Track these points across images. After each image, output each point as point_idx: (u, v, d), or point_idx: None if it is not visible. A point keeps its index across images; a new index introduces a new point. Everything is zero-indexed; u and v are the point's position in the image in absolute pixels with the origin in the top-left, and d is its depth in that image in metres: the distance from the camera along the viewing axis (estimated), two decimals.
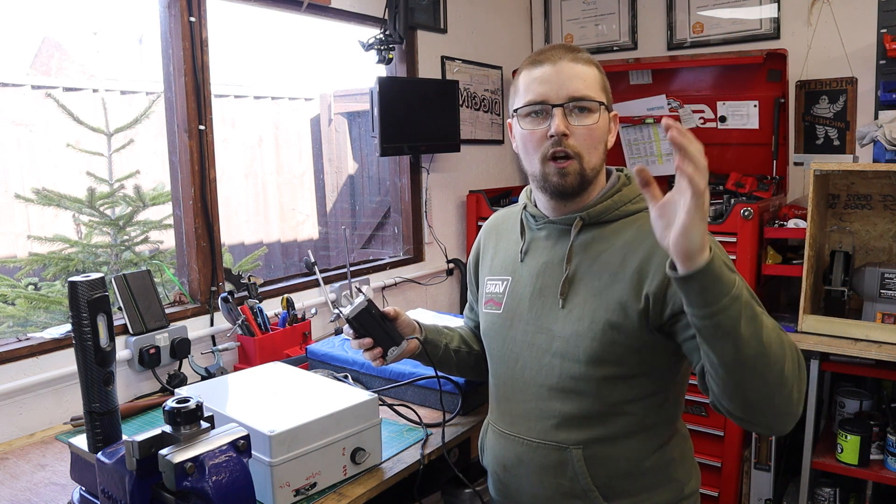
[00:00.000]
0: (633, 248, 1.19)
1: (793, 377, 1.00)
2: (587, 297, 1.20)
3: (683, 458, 1.28)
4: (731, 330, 0.93)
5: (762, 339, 0.95)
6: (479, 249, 1.48)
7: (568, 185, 1.21)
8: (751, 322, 0.94)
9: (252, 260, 3.35)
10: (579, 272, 1.23)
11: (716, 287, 0.92)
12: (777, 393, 0.99)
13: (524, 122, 1.24)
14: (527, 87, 1.23)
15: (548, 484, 1.25)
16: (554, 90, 1.19)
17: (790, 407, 1.02)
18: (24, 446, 1.60)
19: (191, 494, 0.98)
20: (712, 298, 0.92)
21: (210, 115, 2.08)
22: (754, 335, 0.95)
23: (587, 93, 1.20)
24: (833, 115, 2.91)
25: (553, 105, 1.19)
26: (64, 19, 3.88)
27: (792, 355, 1.01)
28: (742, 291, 0.94)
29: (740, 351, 0.95)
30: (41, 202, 2.86)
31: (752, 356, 0.95)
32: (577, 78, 1.20)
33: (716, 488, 2.53)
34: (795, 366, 1.01)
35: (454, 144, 2.89)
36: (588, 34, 3.44)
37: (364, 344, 1.36)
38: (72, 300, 1.17)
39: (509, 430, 1.30)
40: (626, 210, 1.24)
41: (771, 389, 0.99)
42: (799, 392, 1.02)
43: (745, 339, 0.94)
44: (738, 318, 0.93)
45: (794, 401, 1.02)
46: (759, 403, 1.01)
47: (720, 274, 0.92)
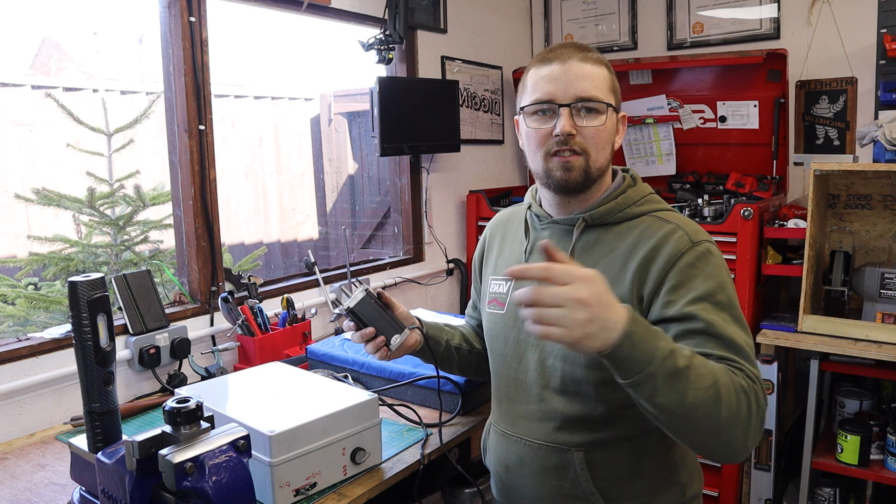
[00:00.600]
0: (634, 251, 1.18)
1: (732, 424, 1.00)
2: None
3: (685, 461, 1.27)
4: (648, 400, 0.97)
5: (686, 403, 0.97)
6: (483, 247, 1.46)
7: (572, 179, 1.19)
8: (671, 391, 0.96)
9: (252, 260, 3.35)
10: None
11: (627, 365, 0.95)
12: (713, 441, 1.01)
13: (530, 120, 1.22)
14: (534, 85, 1.21)
15: (549, 486, 1.24)
16: (561, 89, 1.18)
17: (733, 448, 1.03)
18: (24, 446, 1.60)
19: (191, 494, 0.98)
20: (625, 374, 0.96)
21: (210, 115, 2.08)
22: (677, 402, 0.97)
23: (595, 94, 1.18)
24: (833, 115, 2.91)
25: (560, 105, 1.18)
26: (64, 19, 3.88)
27: (732, 402, 1.00)
28: (660, 368, 0.94)
29: (660, 415, 0.99)
30: (41, 202, 2.86)
31: (673, 420, 0.99)
32: (586, 78, 1.18)
33: (716, 488, 2.53)
34: (737, 412, 1.01)
35: (454, 144, 2.89)
36: (588, 34, 3.44)
37: (366, 335, 1.33)
38: (72, 300, 1.17)
39: (511, 431, 1.30)
40: (631, 213, 1.22)
41: (704, 439, 1.02)
42: (745, 433, 1.02)
43: (662, 407, 0.97)
44: (653, 393, 0.96)
45: (737, 443, 1.02)
46: (695, 446, 1.08)
47: (629, 355, 0.94)
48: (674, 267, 1.14)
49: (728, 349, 1.08)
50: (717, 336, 1.08)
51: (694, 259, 1.14)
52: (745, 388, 1.03)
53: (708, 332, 1.08)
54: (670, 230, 1.18)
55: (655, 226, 1.20)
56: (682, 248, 1.15)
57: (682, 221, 1.21)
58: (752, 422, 1.03)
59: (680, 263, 1.14)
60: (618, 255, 1.19)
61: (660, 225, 1.20)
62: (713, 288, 1.12)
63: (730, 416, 1.00)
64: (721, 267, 1.16)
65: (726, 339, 1.08)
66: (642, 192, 1.25)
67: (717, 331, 1.08)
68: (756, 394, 1.04)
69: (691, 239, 1.16)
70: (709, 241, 1.19)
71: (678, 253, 1.15)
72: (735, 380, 1.03)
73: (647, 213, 1.23)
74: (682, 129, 3.11)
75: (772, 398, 2.40)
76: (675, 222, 1.20)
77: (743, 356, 1.08)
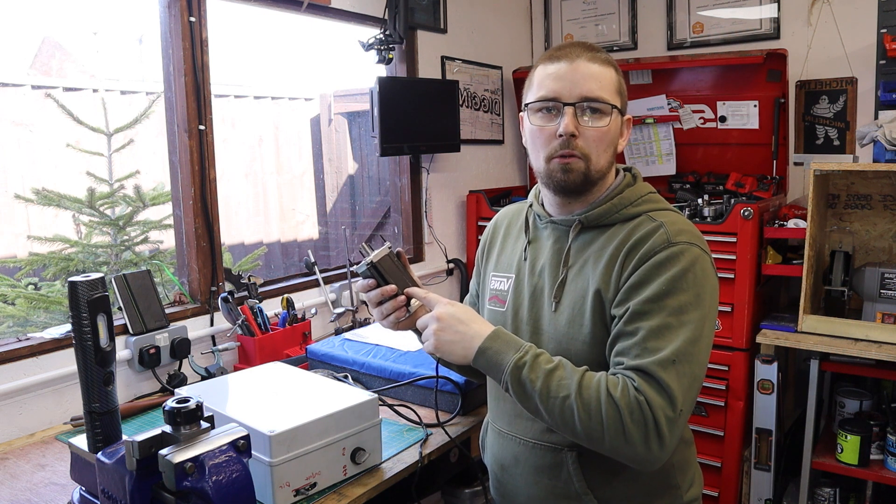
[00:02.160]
0: (619, 249, 1.17)
1: (599, 432, 1.05)
2: (576, 298, 1.20)
3: (684, 464, 1.26)
4: (520, 405, 1.14)
5: (541, 410, 1.10)
6: (486, 243, 1.46)
7: (571, 181, 1.19)
8: (525, 399, 1.11)
9: (252, 259, 3.35)
10: (571, 274, 1.22)
11: (490, 374, 1.16)
12: (598, 446, 1.08)
13: (534, 117, 1.21)
14: (540, 82, 1.21)
15: (543, 485, 1.24)
16: (567, 88, 1.17)
17: (625, 455, 1.06)
18: (24, 446, 1.60)
19: (191, 494, 0.98)
20: (496, 382, 1.16)
21: (210, 115, 2.08)
22: (535, 409, 1.11)
23: (601, 94, 1.17)
24: (833, 115, 2.90)
25: (564, 103, 1.17)
26: (64, 19, 3.88)
27: (593, 413, 1.05)
28: (509, 377, 1.11)
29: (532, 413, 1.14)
30: (41, 202, 2.86)
31: (548, 424, 1.13)
32: (593, 78, 1.17)
33: (716, 488, 2.53)
34: (600, 422, 1.05)
35: (454, 144, 2.89)
36: (588, 34, 3.44)
37: (387, 292, 1.27)
38: (72, 300, 1.17)
39: (507, 430, 1.30)
40: (626, 213, 1.21)
41: (589, 444, 1.10)
42: (623, 441, 1.04)
43: (530, 412, 1.14)
44: (516, 399, 1.13)
45: (625, 450, 1.05)
46: (596, 450, 1.11)
47: (487, 366, 1.15)
48: (643, 265, 1.13)
49: (642, 356, 1.07)
50: (642, 344, 1.07)
51: (664, 259, 1.12)
52: (615, 399, 1.04)
53: (637, 334, 1.09)
54: (654, 228, 1.17)
55: (644, 225, 1.19)
56: (656, 247, 1.13)
57: (671, 221, 1.18)
58: (627, 430, 1.03)
59: (649, 263, 1.13)
60: (606, 255, 1.19)
61: (647, 223, 1.18)
62: (667, 290, 1.09)
63: (592, 425, 1.05)
64: (693, 270, 1.12)
65: (651, 348, 1.07)
66: (639, 192, 1.24)
67: (644, 338, 1.07)
68: (640, 404, 1.03)
69: (669, 239, 1.14)
70: (691, 242, 1.15)
71: (651, 252, 1.13)
72: (609, 392, 1.05)
73: (643, 213, 1.21)
74: (682, 129, 3.11)
75: (772, 398, 2.40)
76: (662, 221, 1.18)
77: (661, 367, 1.05)
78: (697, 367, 1.09)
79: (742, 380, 2.46)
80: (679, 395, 1.05)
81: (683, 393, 1.06)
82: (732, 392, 2.49)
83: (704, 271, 1.14)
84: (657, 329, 1.08)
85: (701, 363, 1.10)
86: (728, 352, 2.48)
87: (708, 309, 1.12)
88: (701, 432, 2.53)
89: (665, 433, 1.04)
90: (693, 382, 1.08)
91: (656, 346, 1.07)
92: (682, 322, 1.08)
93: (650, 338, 1.07)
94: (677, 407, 1.05)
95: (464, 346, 1.16)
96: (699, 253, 1.15)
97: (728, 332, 2.46)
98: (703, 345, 1.10)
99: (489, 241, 1.45)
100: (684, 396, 1.06)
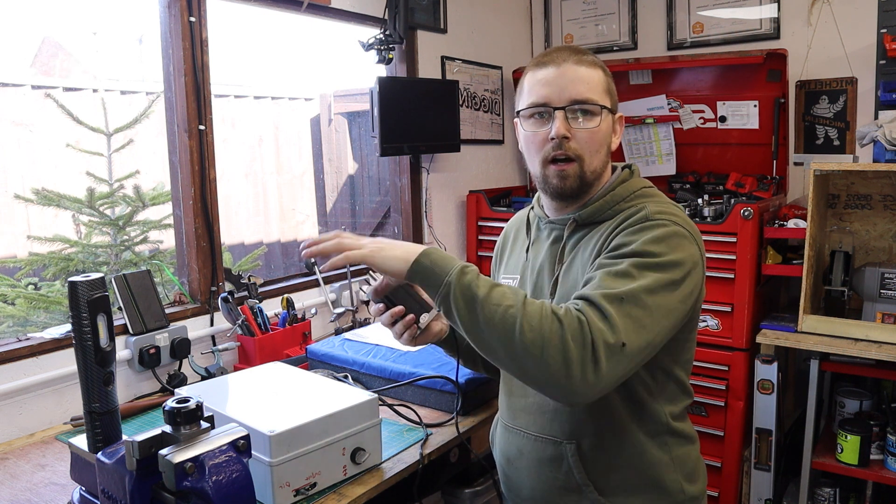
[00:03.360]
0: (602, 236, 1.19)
1: (538, 346, 0.99)
2: (569, 290, 1.21)
3: (685, 459, 1.27)
4: (455, 322, 1.07)
5: (482, 318, 1.03)
6: (498, 250, 1.50)
7: (567, 187, 1.22)
8: (468, 308, 1.04)
9: (252, 259, 3.35)
10: (566, 272, 1.25)
11: (430, 279, 1.08)
12: (529, 366, 1.01)
13: (527, 123, 1.25)
14: (530, 88, 1.23)
15: (545, 477, 1.26)
16: (556, 92, 1.20)
17: (554, 378, 0.99)
18: (24, 446, 1.60)
19: (191, 494, 0.98)
20: (432, 289, 1.09)
21: (210, 115, 2.08)
22: (473, 319, 1.04)
23: (590, 96, 1.20)
24: (833, 115, 2.90)
25: (555, 108, 1.20)
26: (64, 19, 3.88)
27: (535, 324, 1.00)
28: (456, 280, 1.05)
29: (468, 336, 1.07)
30: (41, 202, 2.86)
31: (478, 340, 1.06)
32: (581, 81, 1.20)
33: (716, 488, 2.53)
34: (540, 333, 0.99)
35: (454, 144, 2.89)
36: (588, 34, 3.44)
37: (396, 314, 1.27)
38: (72, 300, 1.17)
39: (512, 424, 1.32)
40: (618, 209, 1.23)
41: (517, 362, 1.02)
42: (562, 360, 0.98)
43: (464, 327, 1.06)
44: (455, 309, 1.05)
45: (557, 372, 0.99)
46: (519, 375, 1.06)
47: (428, 269, 1.08)
48: (619, 234, 1.15)
49: (593, 290, 1.05)
50: (597, 283, 1.06)
51: (638, 228, 1.14)
52: (559, 316, 1.00)
53: (594, 279, 1.08)
54: (635, 211, 1.19)
55: (628, 211, 1.20)
56: (635, 221, 1.16)
57: (656, 203, 1.20)
58: (567, 347, 0.98)
59: (624, 231, 1.15)
60: (591, 243, 1.21)
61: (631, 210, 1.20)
62: (636, 250, 1.09)
63: (532, 338, 0.99)
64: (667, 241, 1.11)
65: (603, 286, 1.05)
66: (633, 188, 1.25)
67: (601, 278, 1.07)
68: (581, 323, 1.00)
69: (648, 216, 1.16)
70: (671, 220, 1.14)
71: (628, 225, 1.16)
72: (553, 310, 1.01)
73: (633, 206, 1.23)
74: (682, 129, 3.11)
75: (772, 398, 2.40)
76: (646, 204, 1.19)
77: (606, 299, 1.03)
78: (648, 317, 1.04)
79: (742, 380, 2.46)
80: (621, 326, 1.01)
81: (626, 329, 1.01)
82: (732, 392, 2.49)
83: (680, 245, 1.12)
84: (615, 273, 1.07)
85: (654, 317, 1.05)
86: (728, 352, 2.48)
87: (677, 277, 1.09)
88: (701, 432, 2.53)
89: (602, 359, 0.99)
90: (639, 328, 1.03)
91: (609, 284, 1.05)
92: (642, 275, 1.06)
93: (605, 278, 1.07)
94: (619, 337, 1.00)
95: (404, 249, 1.11)
96: (679, 229, 1.14)
97: (728, 332, 2.46)
98: (660, 301, 1.06)
99: (501, 248, 1.49)
100: (627, 332, 1.01)
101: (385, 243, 1.13)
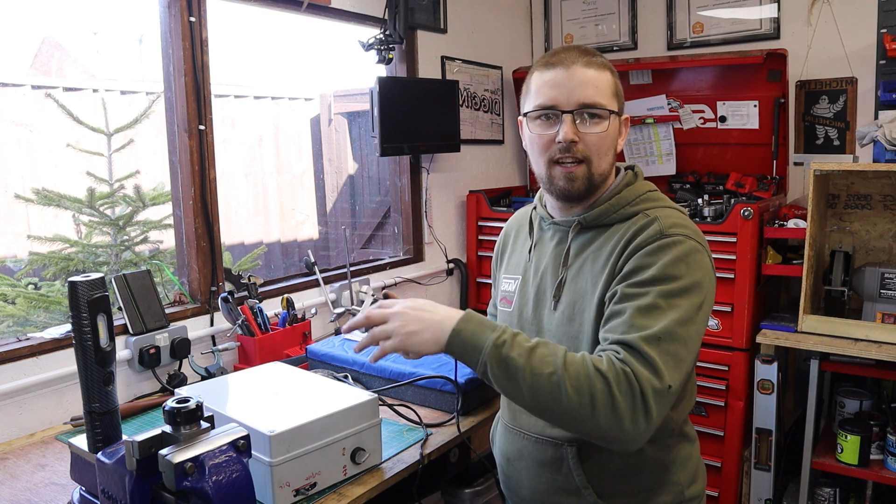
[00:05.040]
0: (615, 248, 1.18)
1: (587, 407, 1.02)
2: (576, 299, 1.21)
3: (685, 460, 1.27)
4: (498, 388, 1.08)
5: (524, 388, 1.05)
6: (499, 249, 1.49)
7: (574, 189, 1.21)
8: (508, 379, 1.06)
9: (251, 259, 3.35)
10: (570, 275, 1.24)
11: (465, 358, 1.09)
12: (578, 425, 1.05)
13: (533, 125, 1.23)
14: (538, 89, 1.21)
15: (544, 479, 1.26)
16: (564, 95, 1.18)
17: (608, 432, 1.03)
18: (24, 446, 1.60)
19: (191, 494, 0.98)
20: (471, 366, 1.10)
21: (210, 115, 2.08)
22: (516, 389, 1.06)
23: (598, 100, 1.18)
24: (833, 115, 2.90)
25: (563, 111, 1.18)
26: (64, 19, 3.88)
27: (582, 387, 1.02)
28: (490, 356, 1.06)
29: (514, 402, 1.10)
30: (41, 202, 2.86)
31: (525, 404, 1.08)
32: (589, 84, 1.18)
33: (716, 488, 2.53)
34: (590, 396, 1.02)
35: (454, 144, 2.89)
36: (588, 34, 3.44)
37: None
38: (72, 300, 1.17)
39: (513, 424, 1.32)
40: (624, 213, 1.22)
41: (567, 422, 1.07)
42: (613, 416, 1.01)
43: (508, 394, 1.08)
44: (495, 380, 1.07)
45: (610, 426, 1.02)
46: (570, 430, 1.13)
47: (463, 349, 1.09)
48: (635, 255, 1.14)
49: (627, 332, 1.06)
50: (629, 321, 1.07)
51: (655, 248, 1.13)
52: (603, 372, 1.02)
53: (625, 314, 1.08)
54: (646, 223, 1.18)
55: (639, 221, 1.19)
56: (649, 238, 1.15)
57: (665, 215, 1.19)
58: (616, 403, 1.00)
59: (641, 252, 1.14)
60: (603, 254, 1.20)
61: (642, 220, 1.19)
62: (658, 276, 1.10)
63: (581, 401, 1.01)
64: (686, 259, 1.12)
65: (637, 325, 1.06)
66: (638, 191, 1.25)
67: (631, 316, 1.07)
68: (626, 375, 1.02)
69: (662, 231, 1.15)
70: (686, 235, 1.15)
71: (643, 243, 1.15)
72: (595, 366, 1.03)
73: (641, 211, 1.22)
74: (682, 129, 3.11)
75: (772, 398, 2.40)
76: (657, 216, 1.19)
77: (645, 342, 1.04)
78: (684, 349, 1.07)
79: (742, 380, 2.46)
80: (664, 369, 1.03)
81: (669, 370, 1.04)
82: (732, 392, 2.49)
83: (698, 262, 1.14)
84: (645, 308, 1.08)
85: (689, 347, 1.08)
86: (728, 352, 2.48)
87: (701, 299, 1.11)
88: (701, 432, 2.53)
89: (652, 406, 1.01)
90: (679, 363, 1.06)
91: (643, 323, 1.06)
92: (671, 305, 1.08)
93: (637, 315, 1.07)
94: (665, 381, 1.03)
95: (434, 332, 1.10)
96: (694, 245, 1.15)
97: (728, 332, 2.46)
98: (692, 330, 1.09)
99: (501, 246, 1.48)
100: (670, 373, 1.04)
101: (412, 322, 1.11)
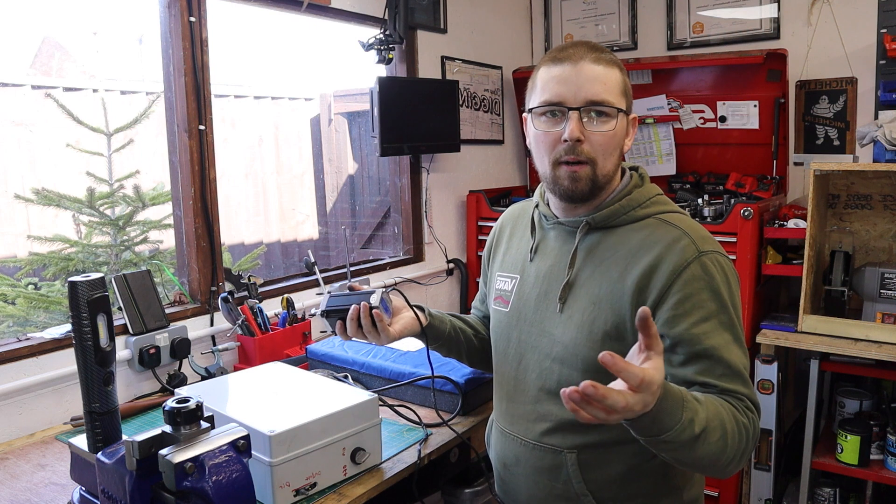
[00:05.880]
0: (637, 257, 1.15)
1: (733, 461, 1.05)
2: (587, 304, 1.18)
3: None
4: (661, 452, 1.00)
5: (696, 456, 1.00)
6: (493, 241, 1.45)
7: (578, 190, 1.18)
8: (686, 451, 0.98)
9: (251, 259, 3.35)
10: (581, 278, 1.21)
11: (646, 433, 0.95)
12: (710, 471, 1.08)
13: (538, 121, 1.19)
14: (544, 85, 1.17)
15: (543, 485, 1.25)
16: (572, 92, 1.14)
17: (725, 473, 1.09)
18: (24, 446, 1.60)
19: (191, 494, 0.98)
20: (642, 435, 0.96)
21: (210, 115, 2.08)
22: (690, 458, 1.01)
23: (606, 97, 1.15)
24: (833, 115, 2.90)
25: (569, 108, 1.14)
26: (64, 19, 3.88)
27: (736, 445, 1.04)
28: (678, 437, 0.95)
29: (669, 460, 1.04)
30: (41, 202, 2.86)
31: (681, 463, 1.05)
32: (598, 81, 1.14)
33: (716, 488, 2.53)
34: (739, 451, 1.05)
35: (454, 144, 2.88)
36: (588, 34, 3.44)
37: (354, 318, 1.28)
38: (72, 300, 1.17)
39: (510, 429, 1.30)
40: (635, 215, 1.20)
41: (703, 470, 1.10)
42: (740, 461, 1.07)
43: (674, 459, 1.03)
44: (667, 451, 0.99)
45: (733, 469, 1.08)
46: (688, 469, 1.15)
47: (650, 426, 0.93)
48: (678, 278, 1.11)
49: (732, 379, 1.10)
50: (721, 362, 1.09)
51: (700, 271, 1.12)
52: (745, 426, 1.06)
53: (713, 357, 1.10)
54: (676, 237, 1.15)
55: (660, 230, 1.17)
56: (688, 258, 1.12)
57: (689, 227, 1.18)
58: (747, 451, 1.08)
59: (685, 275, 1.12)
60: (619, 259, 1.17)
61: (665, 230, 1.17)
62: (718, 307, 1.12)
63: (733, 456, 1.05)
64: (728, 279, 1.15)
65: (731, 366, 1.10)
66: (648, 194, 1.23)
67: (721, 356, 1.09)
68: (754, 425, 1.09)
69: (698, 248, 1.14)
70: (717, 250, 1.17)
71: (683, 263, 1.12)
72: (740, 421, 1.06)
73: (653, 215, 1.20)
74: (682, 129, 3.11)
75: (772, 398, 2.40)
76: (681, 227, 1.17)
77: (744, 383, 1.11)
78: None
79: None
80: (757, 402, 1.13)
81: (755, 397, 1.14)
82: None
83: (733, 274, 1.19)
84: (723, 346, 1.10)
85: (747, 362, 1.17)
86: None
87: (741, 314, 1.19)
88: None
89: None
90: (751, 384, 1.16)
91: (729, 362, 1.10)
92: (734, 331, 1.13)
93: (722, 358, 1.10)
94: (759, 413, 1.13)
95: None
96: (725, 261, 1.18)
97: None
98: (744, 347, 1.17)
99: (495, 241, 1.44)
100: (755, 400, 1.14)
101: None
